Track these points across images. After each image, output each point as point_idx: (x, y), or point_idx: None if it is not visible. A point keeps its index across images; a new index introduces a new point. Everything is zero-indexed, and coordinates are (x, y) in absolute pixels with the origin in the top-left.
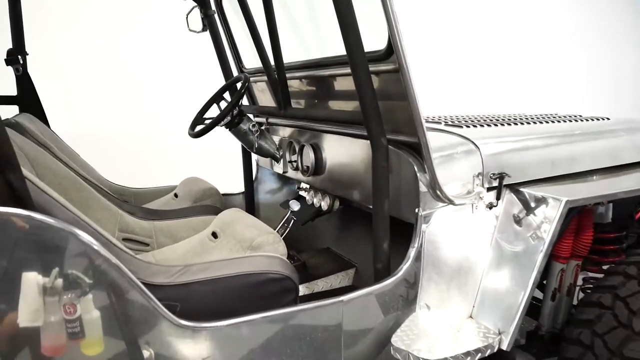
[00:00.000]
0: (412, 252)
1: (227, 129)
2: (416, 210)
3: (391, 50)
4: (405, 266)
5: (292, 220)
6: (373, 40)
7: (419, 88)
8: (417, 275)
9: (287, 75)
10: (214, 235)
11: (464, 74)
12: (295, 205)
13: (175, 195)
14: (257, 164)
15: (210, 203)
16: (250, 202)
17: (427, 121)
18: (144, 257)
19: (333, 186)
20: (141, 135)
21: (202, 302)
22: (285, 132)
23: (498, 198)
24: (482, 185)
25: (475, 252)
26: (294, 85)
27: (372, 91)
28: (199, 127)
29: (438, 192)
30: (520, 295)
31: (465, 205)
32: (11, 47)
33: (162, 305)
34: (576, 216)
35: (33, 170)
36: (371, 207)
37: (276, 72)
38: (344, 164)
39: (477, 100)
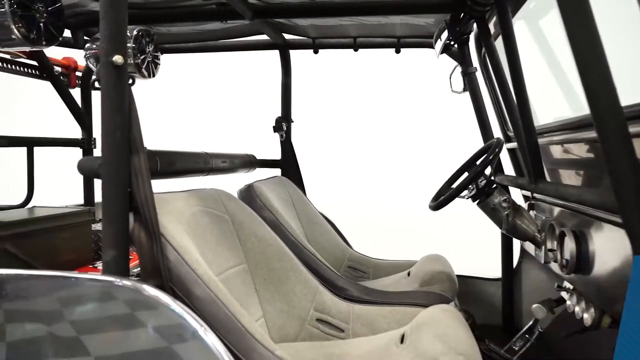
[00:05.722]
0: None
1: (474, 202)
2: None
3: None
4: None
5: (536, 333)
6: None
7: None
8: None
9: (543, 140)
10: (402, 339)
11: None
12: (539, 312)
13: (408, 274)
14: (522, 248)
15: (439, 290)
16: (508, 292)
17: None
18: (330, 345)
19: (599, 295)
20: (407, 204)
21: None
22: (553, 211)
23: None
24: None
25: None
26: (554, 152)
27: (634, 164)
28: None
29: None
30: None
31: None
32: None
33: None
34: None
35: (235, 234)
36: None
37: (524, 135)
38: (618, 268)
39: None
